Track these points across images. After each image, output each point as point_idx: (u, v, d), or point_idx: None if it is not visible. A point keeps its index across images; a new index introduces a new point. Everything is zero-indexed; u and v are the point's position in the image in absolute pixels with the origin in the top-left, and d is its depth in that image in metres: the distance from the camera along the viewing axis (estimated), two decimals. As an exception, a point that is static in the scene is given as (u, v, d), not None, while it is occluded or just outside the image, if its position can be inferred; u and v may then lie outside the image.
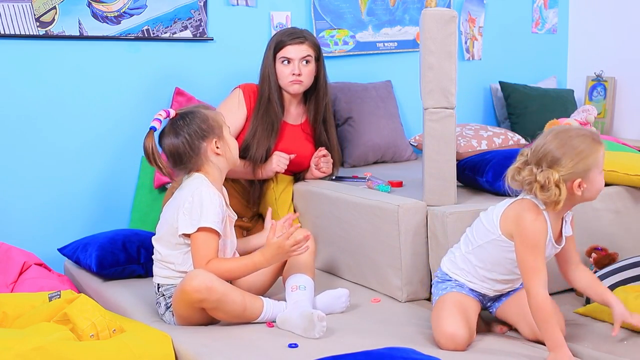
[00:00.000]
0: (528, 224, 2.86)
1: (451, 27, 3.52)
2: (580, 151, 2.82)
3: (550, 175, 2.80)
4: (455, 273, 3.11)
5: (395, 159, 5.01)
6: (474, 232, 3.07)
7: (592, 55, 6.06)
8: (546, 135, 2.89)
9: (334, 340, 3.04)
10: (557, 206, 2.84)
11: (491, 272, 3.04)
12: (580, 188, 2.85)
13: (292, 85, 4.09)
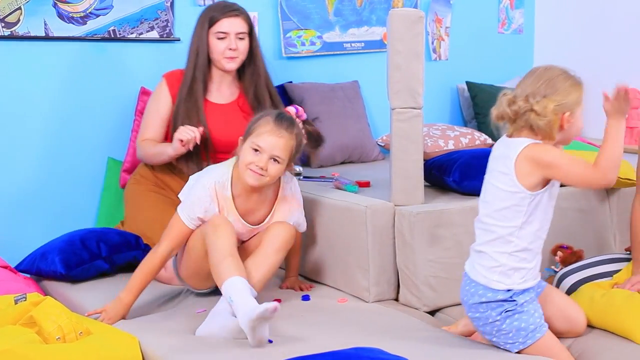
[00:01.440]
0: (540, 149, 2.85)
1: (418, 27, 3.53)
2: (567, 85, 2.90)
3: (547, 103, 2.83)
4: (514, 281, 2.92)
5: (363, 159, 5.01)
6: (506, 211, 2.91)
7: (557, 55, 6.08)
8: (531, 74, 2.94)
9: (301, 340, 3.04)
10: (551, 135, 2.86)
11: (543, 229, 2.97)
12: (568, 122, 2.89)
13: (228, 62, 3.96)
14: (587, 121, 5.91)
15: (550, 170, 2.83)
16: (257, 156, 3.27)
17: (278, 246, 3.39)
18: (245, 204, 3.42)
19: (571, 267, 3.52)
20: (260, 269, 3.33)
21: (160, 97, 4.00)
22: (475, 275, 2.95)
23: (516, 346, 2.92)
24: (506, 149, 2.91)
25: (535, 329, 2.90)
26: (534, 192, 2.85)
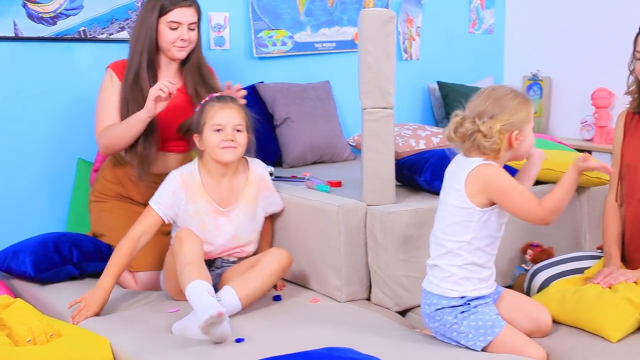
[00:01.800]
0: (492, 172, 2.93)
1: (389, 27, 3.53)
2: (515, 104, 2.94)
3: (492, 124, 2.89)
4: (466, 289, 3.00)
5: (334, 159, 5.01)
6: (455, 226, 3.00)
7: (528, 54, 6.13)
8: (480, 95, 2.98)
9: (272, 340, 3.04)
10: (498, 154, 2.92)
11: (492, 245, 3.03)
12: (517, 140, 2.94)
13: (178, 50, 3.89)
14: (557, 120, 5.99)
15: (496, 195, 2.93)
16: (221, 134, 3.49)
17: (271, 270, 3.44)
18: (215, 190, 3.56)
19: (543, 263, 3.53)
20: (249, 285, 3.37)
21: (110, 86, 3.90)
22: (431, 288, 3.05)
23: (479, 345, 2.97)
24: (459, 166, 3.00)
25: (493, 324, 2.96)
26: (483, 209, 2.94)
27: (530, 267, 3.63)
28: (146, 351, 2.95)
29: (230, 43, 4.94)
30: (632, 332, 3.13)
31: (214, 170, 3.56)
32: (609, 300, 3.13)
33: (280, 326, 3.23)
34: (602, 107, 5.48)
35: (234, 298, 3.30)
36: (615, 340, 3.06)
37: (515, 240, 3.80)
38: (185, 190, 3.53)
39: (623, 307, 3.10)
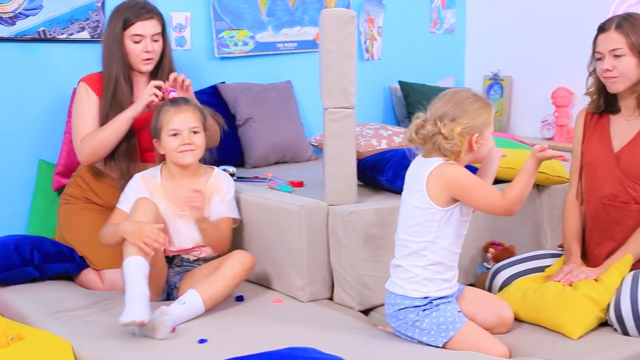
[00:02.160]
0: (453, 170, 2.97)
1: (350, 27, 3.54)
2: (476, 108, 3.00)
3: (453, 127, 2.94)
4: (430, 290, 3.04)
5: (296, 159, 5.01)
6: (418, 227, 3.04)
7: (489, 54, 6.16)
8: (441, 98, 3.03)
9: (235, 341, 3.04)
10: (459, 156, 2.97)
11: (456, 244, 3.07)
12: (477, 143, 3.00)
13: (144, 64, 3.91)
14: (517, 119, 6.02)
15: (459, 191, 2.98)
16: (178, 138, 3.53)
17: (235, 272, 3.44)
18: (174, 192, 3.58)
19: (505, 262, 3.56)
20: (213, 288, 3.37)
21: (87, 99, 3.89)
22: (394, 288, 3.09)
23: (440, 340, 3.01)
24: (420, 167, 3.04)
25: (454, 320, 3.01)
26: (444, 208, 2.99)
27: (491, 266, 3.65)
28: (109, 354, 2.94)
29: (192, 43, 4.91)
30: (593, 329, 3.17)
31: (174, 172, 3.60)
32: (569, 298, 3.16)
33: (243, 327, 3.23)
34: (562, 106, 5.52)
35: (198, 301, 3.30)
36: (576, 337, 3.09)
37: (477, 239, 3.82)
38: (148, 190, 3.58)
39: (583, 304, 3.13)
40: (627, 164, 3.35)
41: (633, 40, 3.25)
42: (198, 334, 3.10)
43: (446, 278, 3.05)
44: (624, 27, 3.27)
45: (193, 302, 3.29)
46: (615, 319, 3.13)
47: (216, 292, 3.36)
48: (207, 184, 3.63)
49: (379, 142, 4.48)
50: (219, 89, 4.90)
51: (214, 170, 3.70)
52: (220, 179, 3.69)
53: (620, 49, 3.27)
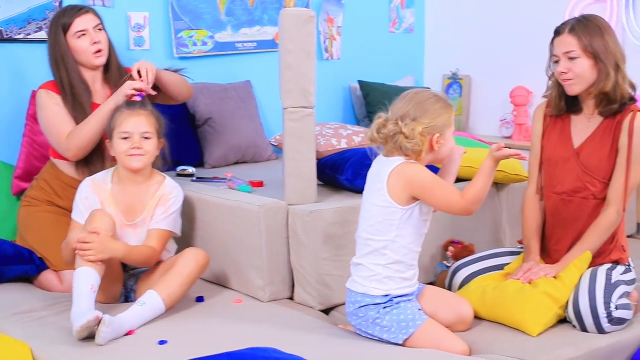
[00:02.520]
0: (414, 169, 2.99)
1: (309, 27, 3.54)
2: (437, 108, 3.03)
3: (414, 126, 2.96)
4: (390, 288, 3.06)
5: (256, 159, 5.01)
6: (379, 225, 3.05)
7: (448, 54, 6.18)
8: (403, 98, 3.06)
9: (196, 342, 3.03)
10: (420, 156, 3.00)
11: (416, 243, 3.08)
12: (438, 144, 3.02)
13: (96, 57, 3.90)
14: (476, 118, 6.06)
15: (419, 190, 3.00)
16: (129, 142, 3.48)
17: (190, 270, 3.42)
18: (123, 198, 3.54)
19: (464, 260, 3.58)
20: (170, 286, 3.35)
21: (51, 101, 3.87)
22: (355, 287, 3.10)
23: (400, 338, 3.02)
24: (381, 166, 3.06)
25: (415, 317, 3.02)
26: (405, 207, 3.01)
27: (451, 264, 3.67)
28: (68, 356, 2.92)
29: (151, 43, 4.89)
30: (552, 326, 3.20)
31: (124, 177, 3.56)
32: (528, 296, 3.18)
33: (203, 327, 3.22)
34: (521, 105, 5.56)
35: (158, 301, 3.28)
36: (535, 335, 3.12)
37: (437, 238, 3.83)
38: (98, 196, 3.54)
39: (542, 301, 3.16)
40: (587, 159, 3.38)
41: (586, 42, 3.29)
42: (158, 335, 3.09)
43: (407, 277, 3.07)
44: (577, 30, 3.31)
45: (153, 302, 3.27)
46: (574, 315, 3.16)
47: (174, 291, 3.34)
48: (154, 195, 3.57)
49: (338, 142, 4.49)
50: (178, 88, 4.87)
51: (165, 180, 3.63)
52: (169, 190, 3.61)
53: (574, 51, 3.31)
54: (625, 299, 3.23)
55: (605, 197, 3.37)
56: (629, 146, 3.31)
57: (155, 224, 3.55)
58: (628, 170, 3.32)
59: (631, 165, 3.32)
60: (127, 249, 3.40)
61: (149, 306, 3.25)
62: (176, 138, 3.81)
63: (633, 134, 3.31)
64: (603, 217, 3.35)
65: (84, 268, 3.20)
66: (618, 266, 3.38)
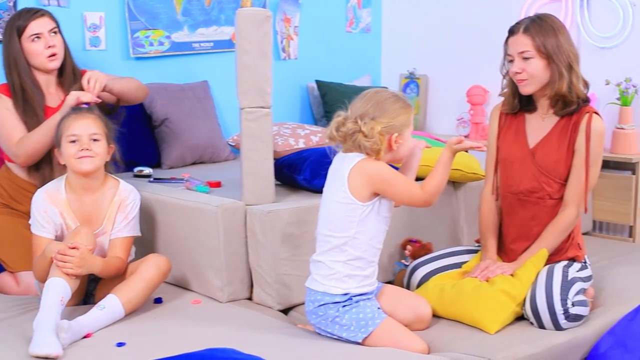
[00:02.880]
0: (374, 165, 3.02)
1: (266, 26, 3.54)
2: (396, 108, 3.05)
3: (373, 125, 2.98)
4: (350, 286, 3.06)
5: (214, 159, 4.99)
6: (339, 222, 3.05)
7: (404, 53, 6.20)
8: (362, 97, 3.08)
9: (154, 344, 3.02)
10: (379, 154, 3.01)
11: (377, 239, 3.09)
12: (397, 143, 3.04)
13: (50, 61, 3.88)
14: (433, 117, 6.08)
15: (380, 185, 3.02)
16: (77, 144, 3.41)
17: (151, 275, 3.40)
18: (80, 208, 3.49)
19: (422, 259, 3.59)
20: (131, 291, 3.33)
21: (3, 104, 3.85)
22: (315, 285, 3.10)
23: (360, 336, 3.03)
24: (341, 163, 3.07)
25: (374, 316, 3.03)
26: (365, 203, 3.02)
27: (409, 263, 3.68)
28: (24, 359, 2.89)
29: (106, 43, 4.86)
30: (510, 323, 3.22)
31: (76, 185, 3.49)
32: (486, 293, 3.20)
33: (161, 329, 3.20)
34: (477, 104, 5.59)
35: (118, 305, 3.26)
36: (493, 332, 3.14)
37: (395, 236, 3.84)
38: (55, 207, 3.47)
39: (500, 299, 3.18)
40: (542, 159, 3.41)
41: (539, 42, 3.32)
42: (116, 337, 3.07)
43: (366, 274, 3.07)
44: (531, 30, 3.34)
45: (112, 306, 3.25)
46: (531, 312, 3.19)
47: (135, 296, 3.33)
48: (112, 201, 3.52)
49: (296, 142, 4.49)
50: (135, 89, 4.85)
51: (119, 185, 3.57)
52: (126, 195, 3.56)
53: (528, 51, 3.33)
54: (582, 296, 3.27)
55: (561, 197, 3.40)
56: (586, 148, 3.34)
57: (117, 232, 3.52)
58: (587, 172, 3.35)
59: (590, 166, 3.35)
60: (104, 265, 3.37)
61: (108, 310, 3.23)
62: (133, 139, 3.79)
63: (590, 136, 3.34)
64: (561, 216, 3.38)
65: (57, 278, 3.16)
66: (574, 263, 3.41)
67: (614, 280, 3.74)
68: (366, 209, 3.02)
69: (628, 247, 4.50)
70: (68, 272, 3.17)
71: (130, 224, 3.55)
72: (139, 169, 4.41)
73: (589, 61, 5.03)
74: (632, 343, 3.02)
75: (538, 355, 3.02)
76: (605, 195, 4.81)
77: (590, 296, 3.43)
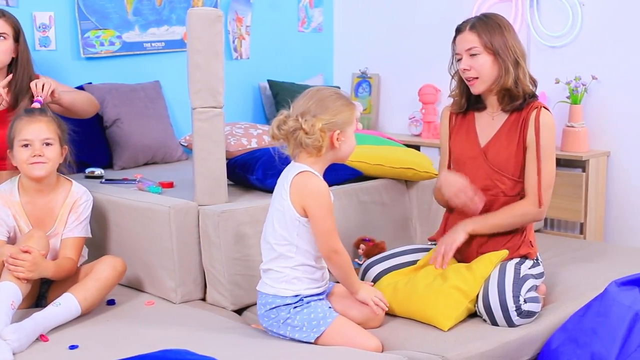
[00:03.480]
0: (317, 186, 3.00)
1: (217, 26, 3.53)
2: (338, 105, 3.03)
3: (314, 122, 2.97)
4: (300, 288, 3.06)
5: (166, 160, 4.97)
6: (282, 230, 3.05)
7: (356, 52, 6.22)
8: (304, 95, 3.06)
9: (107, 346, 3.00)
10: (320, 152, 3.00)
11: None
12: (339, 141, 3.03)
13: None
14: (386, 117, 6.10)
15: (307, 208, 3.00)
16: (29, 149, 3.37)
17: (106, 275, 3.38)
18: (34, 210, 3.47)
19: (375, 257, 3.60)
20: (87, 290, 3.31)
21: None
22: (265, 289, 3.11)
23: (312, 336, 3.03)
24: (287, 172, 3.08)
25: (325, 315, 3.03)
26: (303, 215, 3.01)
27: (363, 262, 3.69)
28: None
29: (56, 43, 4.82)
30: (463, 320, 3.24)
31: (29, 188, 3.46)
32: (439, 290, 3.22)
33: (114, 331, 3.18)
34: (429, 102, 5.61)
35: (74, 302, 3.24)
36: (446, 329, 3.16)
37: (348, 236, 3.85)
38: (8, 208, 3.44)
39: (453, 296, 3.20)
40: (494, 157, 3.43)
41: (485, 39, 3.36)
42: (69, 340, 3.04)
43: (315, 278, 3.08)
44: (477, 27, 3.38)
45: (68, 304, 3.22)
46: (484, 310, 3.21)
47: (91, 294, 3.30)
48: (65, 203, 3.50)
49: (249, 141, 4.48)
50: (85, 89, 4.80)
51: (71, 186, 3.56)
52: (78, 196, 3.54)
53: (475, 47, 3.37)
54: (534, 292, 3.29)
55: (517, 194, 3.43)
56: (537, 143, 3.37)
57: (69, 232, 3.50)
58: (539, 167, 3.38)
59: (541, 161, 3.38)
60: (56, 268, 3.34)
61: (64, 307, 3.20)
62: (84, 139, 3.75)
63: (540, 131, 3.37)
64: (518, 202, 3.42)
65: (8, 282, 3.13)
66: (526, 260, 3.43)
67: (565, 277, 3.78)
68: (305, 220, 3.01)
69: (579, 244, 4.53)
70: (19, 276, 3.15)
71: (82, 225, 3.53)
72: (91, 170, 4.38)
73: (539, 60, 5.10)
74: (583, 338, 3.05)
75: (491, 352, 3.04)
76: (556, 192, 4.81)
77: (542, 293, 3.46)
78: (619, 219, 4.90)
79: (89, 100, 4.08)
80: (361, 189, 4.01)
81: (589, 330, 3.06)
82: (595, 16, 4.89)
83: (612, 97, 4.85)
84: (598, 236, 4.88)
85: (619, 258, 4.13)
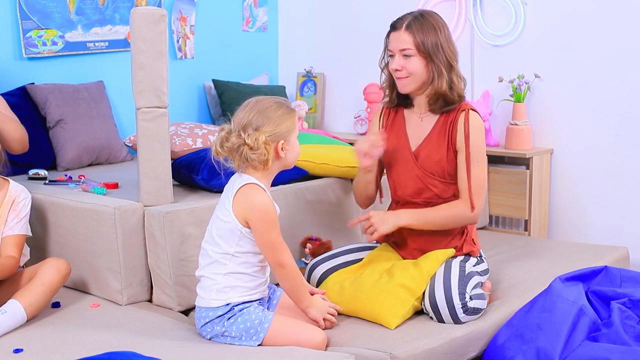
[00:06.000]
0: (260, 202, 2.97)
1: (161, 26, 3.51)
2: (279, 115, 3.01)
3: (258, 136, 2.94)
4: (230, 297, 3.03)
5: (111, 160, 4.94)
6: (219, 239, 3.04)
7: (302, 51, 6.22)
8: (244, 107, 3.03)
9: (52, 349, 2.97)
10: (266, 166, 2.98)
11: (259, 257, 3.06)
12: (284, 150, 3.02)
13: None
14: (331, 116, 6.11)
15: (250, 222, 2.98)
16: None
17: (50, 278, 3.34)
18: None
19: (320, 257, 3.60)
20: (32, 295, 3.27)
21: None
22: (199, 302, 3.09)
23: (253, 343, 3.01)
24: (232, 182, 3.07)
25: (261, 321, 3.01)
26: (245, 226, 3.00)
27: (309, 261, 3.69)
28: None
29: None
30: (409, 318, 3.25)
31: None
32: (385, 288, 3.23)
33: (60, 333, 3.15)
34: (374, 101, 5.63)
35: (19, 309, 3.20)
36: (393, 327, 3.17)
37: (295, 235, 3.85)
38: None
39: (399, 294, 3.21)
40: (425, 161, 3.45)
41: (419, 41, 3.35)
42: (13, 343, 3.01)
43: (250, 287, 3.06)
44: (412, 27, 3.37)
45: (14, 310, 3.18)
46: (430, 307, 3.22)
47: (36, 299, 3.27)
48: (2, 202, 3.46)
49: (194, 141, 4.47)
50: (27, 90, 4.76)
51: (9, 185, 3.52)
52: (17, 194, 3.52)
53: (409, 49, 3.37)
54: (479, 289, 3.32)
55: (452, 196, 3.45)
56: (466, 146, 3.38)
57: (9, 230, 3.46)
58: (468, 170, 3.40)
59: (471, 165, 3.40)
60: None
61: (10, 314, 3.16)
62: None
63: (469, 133, 3.38)
64: (455, 201, 3.43)
65: None
66: (470, 258, 3.46)
67: (510, 273, 3.82)
68: (247, 232, 3.00)
69: (524, 240, 4.58)
70: None
71: (22, 222, 3.50)
72: (34, 172, 4.33)
73: (483, 59, 5.14)
74: (528, 334, 3.08)
75: (438, 349, 3.06)
76: (500, 190, 4.89)
77: (488, 289, 3.49)
78: (563, 216, 4.95)
79: (22, 137, 3.83)
80: (307, 188, 4.01)
81: (534, 325, 3.09)
82: (538, 15, 4.94)
83: (555, 95, 4.90)
84: (542, 233, 4.94)
85: (563, 254, 4.18)
